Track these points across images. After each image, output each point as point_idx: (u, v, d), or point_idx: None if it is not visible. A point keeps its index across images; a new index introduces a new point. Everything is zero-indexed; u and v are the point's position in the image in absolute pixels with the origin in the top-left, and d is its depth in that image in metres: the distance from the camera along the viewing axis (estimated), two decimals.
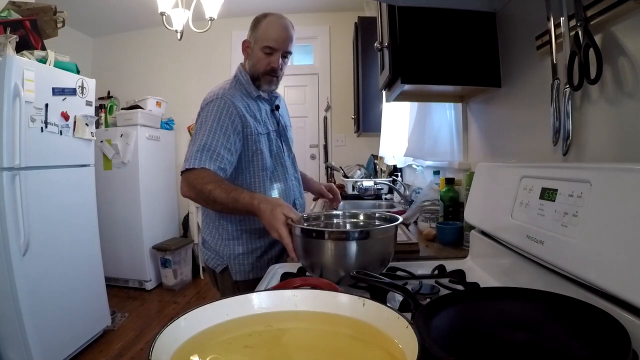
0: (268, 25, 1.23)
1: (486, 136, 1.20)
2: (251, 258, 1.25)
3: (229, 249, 1.25)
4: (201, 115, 1.20)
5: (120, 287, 3.30)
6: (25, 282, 1.87)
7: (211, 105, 1.18)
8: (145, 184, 3.29)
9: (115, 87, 3.89)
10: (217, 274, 1.28)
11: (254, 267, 1.25)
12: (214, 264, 1.27)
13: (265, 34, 1.22)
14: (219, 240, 1.26)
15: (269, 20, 1.24)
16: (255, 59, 1.24)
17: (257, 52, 1.23)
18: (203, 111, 1.20)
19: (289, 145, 1.37)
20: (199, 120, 1.19)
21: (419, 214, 1.39)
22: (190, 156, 1.13)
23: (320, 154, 3.78)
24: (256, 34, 1.24)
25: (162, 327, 0.39)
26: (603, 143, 0.66)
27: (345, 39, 3.52)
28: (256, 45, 1.24)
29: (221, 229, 1.26)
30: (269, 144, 1.26)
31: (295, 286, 0.62)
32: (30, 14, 2.12)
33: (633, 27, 0.58)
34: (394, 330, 0.40)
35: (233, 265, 1.24)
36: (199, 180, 1.10)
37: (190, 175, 1.13)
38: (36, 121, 1.98)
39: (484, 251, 0.88)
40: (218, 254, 1.27)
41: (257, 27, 1.24)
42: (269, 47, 1.22)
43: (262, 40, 1.22)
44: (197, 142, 1.15)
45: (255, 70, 1.25)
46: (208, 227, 1.31)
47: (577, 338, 0.43)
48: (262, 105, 1.30)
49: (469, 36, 1.01)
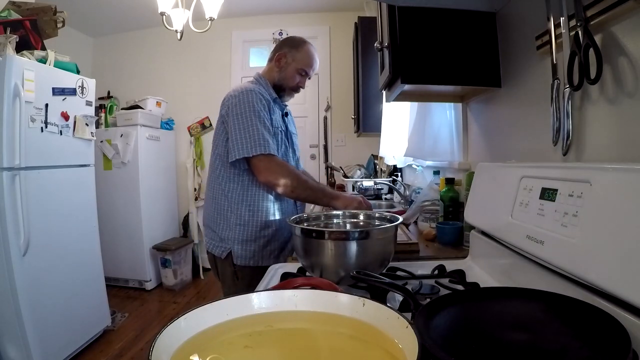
0: (309, 52, 1.43)
1: (486, 136, 1.20)
2: (254, 245, 1.32)
3: (234, 234, 1.33)
4: (241, 105, 1.29)
5: (120, 287, 3.30)
6: (25, 282, 1.87)
7: (250, 95, 1.30)
8: (145, 184, 3.28)
9: (115, 87, 3.89)
10: (218, 260, 1.36)
11: (255, 255, 1.33)
12: (218, 251, 1.35)
13: (306, 59, 1.42)
14: (225, 227, 1.34)
15: (309, 49, 1.44)
16: (288, 74, 1.41)
17: (293, 70, 1.41)
18: (242, 101, 1.29)
19: (294, 149, 1.49)
20: (239, 109, 1.29)
21: (419, 214, 1.39)
22: (257, 143, 1.25)
23: (320, 154, 3.78)
24: (296, 55, 1.41)
25: (162, 327, 0.39)
26: (603, 143, 0.66)
27: (345, 39, 3.52)
28: (294, 63, 1.41)
29: (230, 213, 1.34)
30: (280, 142, 1.38)
31: (295, 286, 0.62)
32: (30, 14, 2.12)
33: (633, 27, 0.58)
34: (394, 330, 0.40)
35: (236, 250, 1.32)
36: (284, 169, 1.29)
37: (268, 161, 1.28)
38: (36, 121, 1.97)
39: (484, 251, 0.88)
40: (222, 240, 1.35)
41: (298, 49, 1.42)
42: (304, 71, 1.42)
43: (301, 64, 1.41)
44: (255, 128, 1.27)
45: (285, 83, 1.42)
46: (212, 215, 1.39)
47: (578, 338, 0.43)
48: (276, 107, 1.42)
49: (468, 36, 1.01)
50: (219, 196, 1.36)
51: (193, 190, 3.76)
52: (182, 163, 3.86)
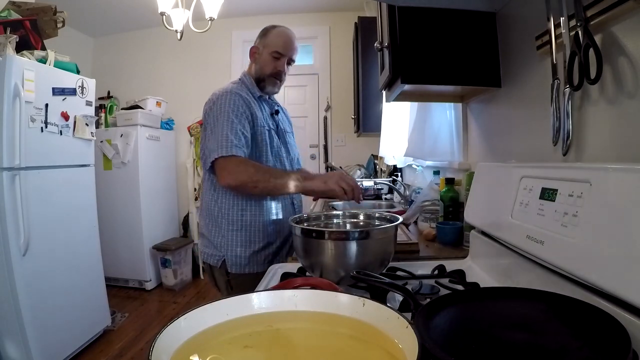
0: (278, 34, 1.36)
1: (486, 136, 1.20)
2: (248, 251, 1.28)
3: (227, 240, 1.28)
4: (213, 109, 1.25)
5: (120, 287, 3.30)
6: (25, 282, 1.87)
7: (222, 98, 1.25)
8: (145, 184, 3.29)
9: (115, 87, 3.89)
10: (214, 269, 1.32)
11: (250, 262, 1.28)
12: (213, 260, 1.31)
13: (275, 41, 1.34)
14: (217, 234, 1.30)
15: (278, 30, 1.36)
16: (262, 62, 1.35)
17: (266, 56, 1.34)
18: (215, 105, 1.25)
19: (287, 147, 1.42)
20: (212, 114, 1.25)
21: (419, 214, 1.39)
22: (219, 145, 1.18)
23: (320, 154, 3.78)
24: (265, 41, 1.35)
25: (162, 327, 0.39)
26: (603, 143, 0.66)
27: (345, 39, 3.52)
28: (265, 50, 1.35)
29: (221, 219, 1.29)
30: (270, 140, 1.33)
31: (295, 286, 0.62)
32: (30, 14, 2.12)
33: (633, 27, 0.58)
34: (394, 330, 0.40)
35: (229, 257, 1.28)
36: (242, 167, 1.19)
37: (226, 162, 1.19)
38: (36, 121, 1.98)
39: (484, 251, 0.88)
40: (216, 248, 1.30)
41: (266, 35, 1.36)
42: (277, 52, 1.33)
43: (272, 46, 1.34)
44: (220, 131, 1.20)
45: (262, 72, 1.35)
46: (206, 223, 1.35)
47: (577, 338, 0.43)
48: (263, 106, 1.37)
49: (469, 36, 1.01)
50: (210, 203, 1.32)
51: (193, 190, 3.76)
52: (182, 163, 3.86)
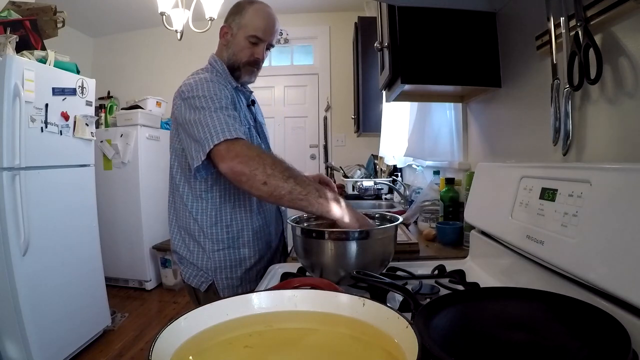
0: (256, 13, 1.10)
1: (486, 136, 1.20)
2: (240, 271, 1.11)
3: (213, 263, 1.09)
4: (195, 99, 1.00)
5: (120, 287, 3.30)
6: (25, 282, 1.87)
7: (205, 86, 1.01)
8: (145, 184, 3.28)
9: (115, 87, 3.89)
10: (200, 292, 1.13)
11: (242, 281, 1.12)
12: (197, 282, 1.11)
13: (253, 22, 1.10)
14: (201, 255, 1.11)
15: (256, 8, 1.11)
16: (237, 47, 1.12)
17: (241, 40, 1.11)
18: (196, 93, 1.01)
19: (267, 142, 1.24)
20: (193, 104, 1.00)
21: (419, 214, 1.39)
22: (219, 130, 0.93)
23: (320, 154, 3.78)
24: (240, 21, 1.11)
25: (162, 327, 0.39)
26: (603, 143, 0.66)
27: (345, 39, 3.52)
28: (240, 32, 1.11)
29: (203, 239, 1.10)
30: (250, 140, 1.11)
31: (295, 286, 0.62)
32: (30, 14, 2.12)
33: (633, 27, 0.58)
34: (394, 330, 0.40)
35: (219, 281, 1.10)
36: (254, 152, 0.93)
37: (233, 144, 0.92)
38: (36, 121, 1.97)
39: (484, 251, 0.88)
40: (201, 270, 1.11)
41: (241, 13, 1.11)
42: (255, 37, 1.10)
43: (249, 29, 1.10)
44: (215, 117, 0.96)
45: (237, 59, 1.12)
46: (185, 243, 1.14)
47: (577, 338, 0.43)
48: (241, 98, 1.16)
49: (468, 36, 1.01)
50: (187, 221, 1.12)
51: None
52: None
